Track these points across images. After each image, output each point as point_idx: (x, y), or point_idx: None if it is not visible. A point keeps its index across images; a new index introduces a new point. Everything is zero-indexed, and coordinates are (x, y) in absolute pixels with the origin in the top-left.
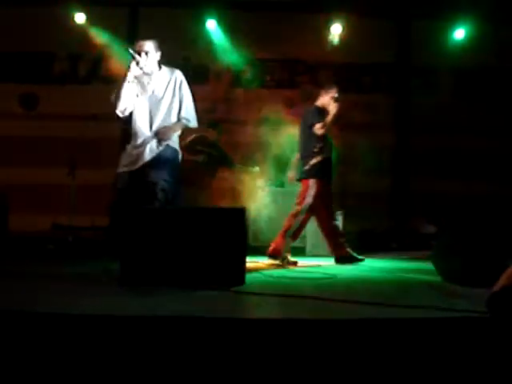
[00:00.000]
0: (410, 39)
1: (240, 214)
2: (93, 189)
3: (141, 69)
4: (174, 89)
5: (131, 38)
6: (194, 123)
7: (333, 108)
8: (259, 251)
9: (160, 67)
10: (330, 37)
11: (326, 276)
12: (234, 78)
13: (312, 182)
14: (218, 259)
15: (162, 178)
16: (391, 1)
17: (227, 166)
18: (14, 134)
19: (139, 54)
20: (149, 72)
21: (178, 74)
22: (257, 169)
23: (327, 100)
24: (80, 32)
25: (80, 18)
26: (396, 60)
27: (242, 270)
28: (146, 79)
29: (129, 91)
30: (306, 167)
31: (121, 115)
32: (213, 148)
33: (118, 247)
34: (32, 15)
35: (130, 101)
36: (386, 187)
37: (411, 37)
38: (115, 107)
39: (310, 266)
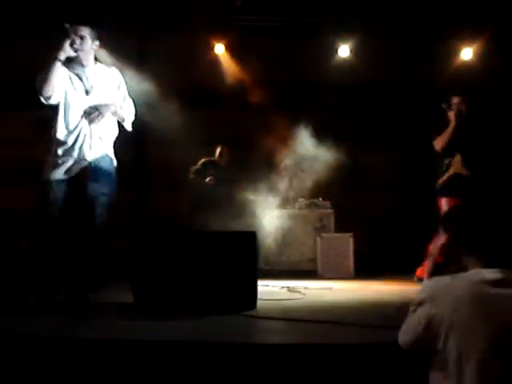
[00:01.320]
0: (415, 59)
1: (251, 237)
2: None
3: (75, 51)
4: (114, 87)
5: (141, 62)
6: (128, 126)
7: (451, 117)
8: (271, 275)
9: (95, 62)
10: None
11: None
12: (242, 101)
13: (443, 201)
14: (229, 283)
15: (101, 192)
16: (397, 22)
17: (238, 190)
18: (25, 158)
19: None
20: (84, 64)
21: (117, 73)
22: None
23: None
24: None
25: None
26: (401, 79)
27: (253, 294)
28: (80, 71)
29: (59, 74)
30: (437, 186)
31: (44, 102)
32: (223, 171)
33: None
34: (43, 42)
35: (59, 88)
36: (397, 207)
37: (417, 56)
38: (40, 91)
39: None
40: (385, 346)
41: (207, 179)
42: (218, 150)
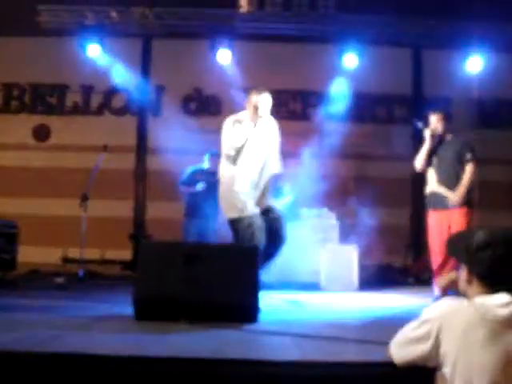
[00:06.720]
0: (423, 69)
1: (253, 251)
2: (104, 221)
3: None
4: (273, 139)
5: (144, 70)
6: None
7: (426, 135)
8: (272, 287)
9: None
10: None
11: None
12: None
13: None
14: (231, 296)
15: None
16: (405, 30)
17: None
18: (25, 165)
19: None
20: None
21: (274, 124)
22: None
23: None
24: (93, 64)
25: (93, 49)
26: (411, 90)
27: (255, 307)
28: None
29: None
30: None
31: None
32: (213, 176)
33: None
34: (45, 47)
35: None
36: (404, 220)
37: (424, 67)
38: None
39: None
40: (389, 365)
41: (198, 186)
42: (207, 157)
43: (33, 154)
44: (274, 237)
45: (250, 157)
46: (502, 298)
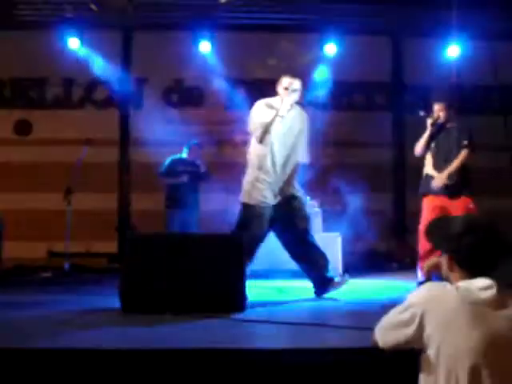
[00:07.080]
0: (402, 57)
1: (239, 240)
2: (89, 214)
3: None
4: (299, 131)
5: (125, 62)
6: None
7: (428, 124)
8: (260, 275)
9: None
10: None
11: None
12: (229, 100)
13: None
14: (218, 286)
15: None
16: (384, 19)
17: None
18: (8, 160)
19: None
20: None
21: (305, 118)
22: None
23: None
24: (73, 57)
25: (73, 42)
26: (390, 77)
27: (242, 296)
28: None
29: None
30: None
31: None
32: (193, 166)
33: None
34: (25, 40)
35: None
36: (386, 206)
37: (404, 54)
38: (259, 139)
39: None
40: (374, 350)
41: (182, 178)
42: (187, 147)
43: (15, 149)
44: (291, 229)
45: (277, 141)
46: (483, 281)
